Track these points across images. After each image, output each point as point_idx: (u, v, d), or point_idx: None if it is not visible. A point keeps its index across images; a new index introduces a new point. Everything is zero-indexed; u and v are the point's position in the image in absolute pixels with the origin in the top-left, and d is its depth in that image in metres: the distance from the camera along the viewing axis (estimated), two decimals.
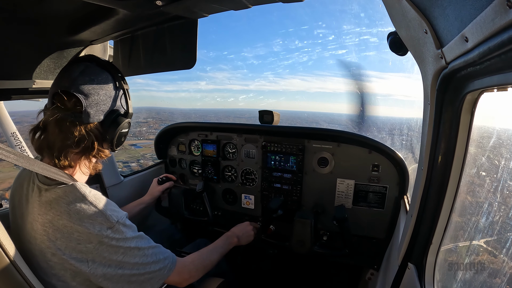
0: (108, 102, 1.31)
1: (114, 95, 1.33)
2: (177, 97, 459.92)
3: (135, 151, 13.23)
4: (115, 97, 1.34)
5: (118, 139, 1.37)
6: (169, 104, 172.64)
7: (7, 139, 2.41)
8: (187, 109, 45.33)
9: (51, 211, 1.16)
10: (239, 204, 2.78)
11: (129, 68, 1.86)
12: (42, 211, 1.17)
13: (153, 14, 1.42)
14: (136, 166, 10.97)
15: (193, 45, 1.57)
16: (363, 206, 2.22)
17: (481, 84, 0.82)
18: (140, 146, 13.53)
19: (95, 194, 1.22)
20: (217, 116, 32.67)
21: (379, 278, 2.08)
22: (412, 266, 1.34)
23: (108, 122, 1.31)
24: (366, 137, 2.13)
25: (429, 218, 1.23)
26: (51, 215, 1.15)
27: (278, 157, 2.49)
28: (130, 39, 1.77)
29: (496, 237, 1.30)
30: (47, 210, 1.16)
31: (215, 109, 54.19)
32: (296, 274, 3.06)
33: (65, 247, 1.14)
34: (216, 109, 52.55)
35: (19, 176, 1.41)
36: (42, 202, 1.19)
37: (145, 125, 13.88)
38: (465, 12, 0.68)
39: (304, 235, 2.01)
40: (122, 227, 1.22)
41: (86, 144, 1.27)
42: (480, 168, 1.36)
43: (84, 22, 1.45)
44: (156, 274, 1.31)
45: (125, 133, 1.41)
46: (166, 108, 35.33)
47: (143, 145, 13.67)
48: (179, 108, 41.51)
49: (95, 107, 1.25)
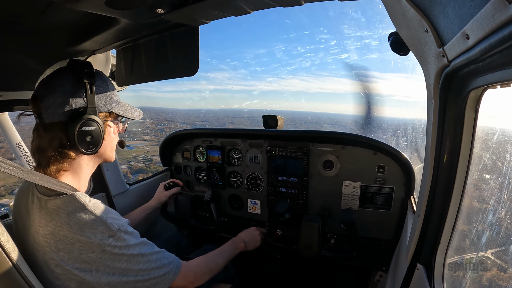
0: (67, 100, 1.23)
1: (74, 92, 1.25)
2: (177, 97, 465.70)
3: (127, 152, 12.68)
4: (76, 94, 1.25)
5: (79, 137, 1.23)
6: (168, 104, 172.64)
7: (13, 149, 2.42)
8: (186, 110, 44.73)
9: (52, 222, 1.15)
10: (245, 209, 2.77)
11: (132, 77, 1.88)
12: (42, 223, 1.17)
13: (155, 22, 1.43)
14: (126, 168, 10.65)
15: (195, 52, 1.58)
16: (370, 208, 2.20)
17: (484, 81, 0.81)
18: (132, 147, 13.05)
19: (95, 203, 1.21)
20: (217, 116, 32.61)
21: (388, 279, 2.06)
22: (421, 266, 1.33)
23: (70, 122, 1.23)
24: (370, 138, 2.12)
25: (436, 217, 1.22)
26: (52, 227, 1.15)
27: (283, 161, 2.48)
28: (132, 47, 1.79)
29: (506, 235, 1.28)
30: (48, 222, 1.16)
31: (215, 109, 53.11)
32: (304, 278, 3.03)
33: (68, 257, 1.14)
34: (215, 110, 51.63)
35: (21, 188, 1.40)
36: (42, 214, 1.18)
37: (142, 125, 13.58)
38: (465, 9, 0.68)
39: (311, 239, 2.00)
40: (124, 234, 1.21)
41: (54, 145, 1.23)
42: (486, 165, 1.34)
43: (86, 32, 1.46)
44: (161, 279, 1.31)
45: (89, 131, 1.26)
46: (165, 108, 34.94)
47: (136, 146, 13.26)
48: (179, 109, 41.12)
49: (52, 106, 1.21)
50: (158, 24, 1.52)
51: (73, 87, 1.25)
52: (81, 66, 1.28)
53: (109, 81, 1.43)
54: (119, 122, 1.49)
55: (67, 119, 1.23)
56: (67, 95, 1.24)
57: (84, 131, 1.25)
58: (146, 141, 13.77)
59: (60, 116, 1.22)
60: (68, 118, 1.23)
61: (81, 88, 1.26)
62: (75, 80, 1.26)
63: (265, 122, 2.66)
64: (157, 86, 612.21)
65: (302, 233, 2.04)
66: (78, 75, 1.26)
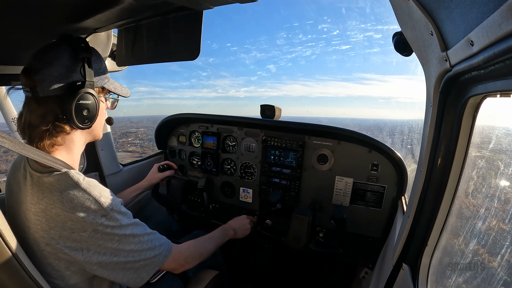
0: (64, 73, 1.22)
1: (72, 65, 1.24)
2: (180, 104, 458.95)
3: None
4: (72, 68, 1.24)
5: (77, 111, 1.23)
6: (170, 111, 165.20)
7: (8, 124, 2.41)
8: None
9: (44, 200, 1.13)
10: (237, 197, 2.79)
11: (132, 57, 1.86)
12: (34, 200, 1.15)
13: (158, 4, 1.40)
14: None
15: (197, 37, 1.56)
16: (361, 205, 2.22)
17: (484, 89, 0.81)
18: None
19: (89, 181, 1.19)
20: None
21: (373, 277, 2.09)
22: (406, 266, 1.35)
23: (67, 95, 1.22)
24: (366, 136, 2.13)
25: (425, 219, 1.23)
26: (44, 204, 1.13)
27: (278, 152, 2.49)
28: (134, 28, 1.76)
29: (492, 242, 1.30)
30: (40, 199, 1.14)
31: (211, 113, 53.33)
32: (290, 270, 3.08)
33: (59, 236, 1.13)
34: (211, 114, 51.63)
35: (14, 162, 1.39)
36: (34, 191, 1.16)
37: (132, 135, 13.03)
38: (471, 15, 0.67)
39: (300, 232, 2.02)
40: (117, 214, 1.20)
41: (48, 119, 1.21)
42: (480, 171, 1.36)
43: (89, 10, 1.43)
44: (152, 260, 1.31)
45: (86, 105, 1.26)
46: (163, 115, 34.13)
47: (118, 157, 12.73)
48: None
49: (48, 79, 1.18)
50: (161, 6, 1.49)
51: (70, 61, 1.23)
52: (76, 41, 1.26)
53: (101, 58, 1.42)
54: (108, 99, 1.50)
55: (64, 93, 1.21)
56: (64, 68, 1.22)
57: (81, 105, 1.25)
58: (129, 152, 13.22)
59: (57, 89, 1.20)
60: (65, 92, 1.22)
61: (78, 62, 1.25)
62: (72, 54, 1.24)
63: (263, 112, 2.65)
64: (161, 93, 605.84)
65: (291, 225, 2.06)
66: (75, 49, 1.25)
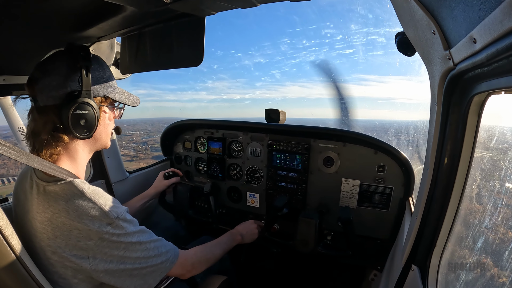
0: (62, 83, 1.22)
1: (70, 75, 1.23)
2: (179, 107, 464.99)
3: None
4: (71, 77, 1.23)
5: (73, 121, 1.22)
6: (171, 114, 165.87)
7: (14, 133, 2.43)
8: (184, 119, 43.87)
9: (49, 209, 1.14)
10: (244, 202, 2.78)
11: (136, 65, 1.87)
12: (40, 209, 1.15)
13: (161, 11, 1.42)
14: None
15: (200, 43, 1.57)
16: (368, 207, 2.21)
17: (489, 86, 0.81)
18: None
19: (94, 190, 1.20)
20: None
21: (382, 279, 2.07)
22: (415, 268, 1.33)
23: (64, 105, 1.22)
24: (372, 137, 2.12)
25: (434, 220, 1.22)
26: (49, 213, 1.14)
27: (283, 156, 2.48)
28: (137, 36, 1.78)
29: (501, 241, 1.28)
30: (45, 208, 1.15)
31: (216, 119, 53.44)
32: (299, 274, 3.06)
33: (65, 245, 1.13)
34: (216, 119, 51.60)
35: (22, 171, 1.40)
36: (40, 200, 1.17)
37: (127, 138, 12.86)
38: (473, 13, 0.67)
39: (308, 235, 2.01)
40: (122, 222, 1.20)
41: (48, 129, 1.22)
42: (487, 170, 1.34)
43: (92, 19, 1.45)
44: (159, 267, 1.31)
45: (84, 115, 1.25)
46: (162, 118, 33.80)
47: None
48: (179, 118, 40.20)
49: (46, 89, 1.20)
50: (164, 13, 1.51)
51: (68, 70, 1.24)
52: (77, 50, 1.26)
53: (106, 66, 1.41)
54: (115, 108, 1.48)
55: (61, 102, 1.22)
56: (62, 78, 1.22)
57: (78, 115, 1.24)
58: (122, 156, 12.69)
59: (54, 99, 1.21)
60: (62, 101, 1.22)
61: (77, 72, 1.25)
62: (71, 63, 1.24)
63: (268, 116, 2.65)
64: (160, 95, 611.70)
65: (299, 229, 2.05)
66: (74, 59, 1.25)
